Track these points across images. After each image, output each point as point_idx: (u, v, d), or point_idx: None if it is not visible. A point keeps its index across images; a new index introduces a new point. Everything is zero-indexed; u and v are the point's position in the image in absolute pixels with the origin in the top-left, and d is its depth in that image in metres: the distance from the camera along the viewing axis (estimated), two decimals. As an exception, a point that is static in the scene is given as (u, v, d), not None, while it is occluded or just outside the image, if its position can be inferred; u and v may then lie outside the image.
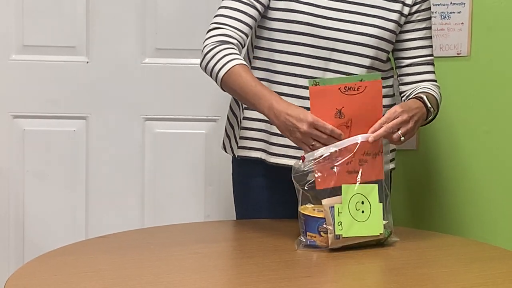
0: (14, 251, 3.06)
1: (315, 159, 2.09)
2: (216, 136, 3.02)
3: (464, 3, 2.92)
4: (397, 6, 2.36)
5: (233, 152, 2.48)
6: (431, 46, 2.44)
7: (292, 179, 2.10)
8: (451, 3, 2.92)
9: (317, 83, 2.12)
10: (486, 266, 2.03)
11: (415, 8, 2.39)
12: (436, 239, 2.34)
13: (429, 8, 2.43)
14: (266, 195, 2.41)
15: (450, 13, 2.92)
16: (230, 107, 2.51)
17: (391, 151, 2.47)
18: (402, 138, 2.17)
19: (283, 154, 2.35)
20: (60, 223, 3.06)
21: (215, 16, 2.33)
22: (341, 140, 2.10)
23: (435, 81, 2.44)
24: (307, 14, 2.31)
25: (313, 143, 2.10)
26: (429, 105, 2.27)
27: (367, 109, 2.13)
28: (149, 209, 3.08)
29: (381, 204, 2.12)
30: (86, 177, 3.06)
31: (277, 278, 1.92)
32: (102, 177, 3.06)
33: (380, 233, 2.11)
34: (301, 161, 2.10)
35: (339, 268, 2.06)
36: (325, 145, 2.09)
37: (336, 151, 2.10)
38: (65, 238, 2.56)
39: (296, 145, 2.16)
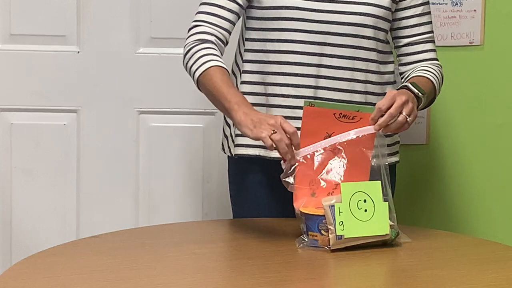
0: (1, 252, 3.07)
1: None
2: (214, 130, 3.02)
3: (477, -11, 2.93)
4: None
5: (230, 152, 2.49)
6: (429, 23, 2.45)
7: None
8: (463, -12, 2.93)
9: (313, 105, 2.16)
10: (500, 268, 2.03)
11: None
12: (447, 239, 2.35)
13: None
14: (265, 193, 2.42)
15: (462, -1, 2.93)
16: None
17: (395, 143, 2.49)
18: (409, 119, 2.18)
19: None
20: (49, 222, 3.06)
21: (196, 13, 2.38)
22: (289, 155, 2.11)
23: (436, 59, 2.45)
24: None
25: (273, 131, 2.09)
26: (416, 91, 2.27)
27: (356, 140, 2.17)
28: (144, 208, 3.09)
29: (386, 202, 2.13)
30: (77, 174, 3.06)
31: (279, 280, 1.92)
32: (94, 173, 3.07)
33: (386, 233, 2.12)
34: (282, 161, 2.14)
35: (344, 269, 2.06)
36: (284, 148, 2.10)
37: (319, 150, 2.14)
38: (55, 238, 2.58)
39: None
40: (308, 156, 2.14)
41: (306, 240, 2.13)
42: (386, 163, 2.20)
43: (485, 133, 2.98)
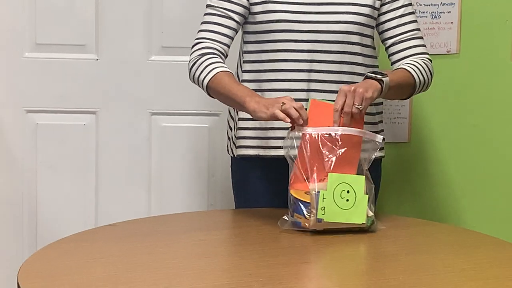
0: (28, 238, 3.07)
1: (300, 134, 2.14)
2: (218, 129, 3.02)
3: (454, 3, 2.92)
4: None
5: (233, 153, 2.49)
6: (411, 22, 2.42)
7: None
8: (441, 3, 2.93)
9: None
10: (473, 252, 2.04)
11: None
12: (427, 227, 2.35)
13: None
14: (264, 186, 2.42)
15: (440, 13, 2.93)
16: (229, 110, 2.53)
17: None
18: (361, 107, 2.16)
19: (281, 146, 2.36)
20: (71, 212, 3.06)
21: (197, 32, 2.40)
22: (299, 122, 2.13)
23: (422, 53, 2.42)
24: (284, 12, 2.34)
25: (284, 104, 2.11)
26: (373, 76, 2.24)
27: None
28: (156, 199, 3.09)
29: (367, 195, 2.14)
30: (95, 169, 3.07)
31: (276, 263, 1.93)
32: (111, 168, 3.07)
33: (362, 222, 2.13)
34: (290, 129, 2.15)
35: (335, 254, 2.07)
36: (296, 113, 2.11)
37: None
38: (76, 226, 2.57)
39: None
40: (313, 134, 2.14)
41: (288, 219, 2.15)
42: (372, 158, 2.20)
43: (461, 133, 2.98)
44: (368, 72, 2.28)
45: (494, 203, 3.00)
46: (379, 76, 2.24)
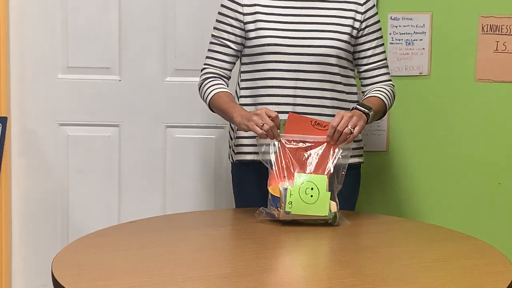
0: (60, 233, 3.06)
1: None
2: (223, 140, 3.02)
3: (425, 32, 2.93)
4: (349, 21, 2.39)
5: (232, 158, 2.50)
6: (382, 52, 2.46)
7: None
8: (414, 32, 2.93)
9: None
10: (443, 245, 2.04)
11: (364, 24, 2.41)
12: (403, 224, 2.35)
13: (377, 22, 2.45)
14: (258, 188, 2.41)
15: (414, 40, 2.93)
16: (230, 122, 2.54)
17: (360, 148, 2.48)
18: (353, 130, 2.19)
19: None
20: (97, 211, 3.06)
21: (205, 58, 2.48)
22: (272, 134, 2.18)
23: (389, 80, 2.46)
24: (274, 37, 2.36)
25: (262, 123, 2.16)
26: (362, 109, 2.28)
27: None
28: (170, 199, 3.08)
29: (329, 192, 2.15)
30: (118, 174, 3.06)
31: (273, 254, 1.94)
32: (132, 173, 3.07)
33: (325, 215, 2.14)
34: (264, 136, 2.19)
35: (322, 247, 2.07)
36: (272, 134, 2.18)
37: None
38: (101, 223, 2.56)
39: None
40: (287, 142, 2.19)
41: (264, 212, 2.18)
42: (347, 163, 2.21)
43: (432, 142, 2.98)
44: (357, 105, 2.31)
45: (459, 201, 2.99)
46: (367, 110, 2.29)
